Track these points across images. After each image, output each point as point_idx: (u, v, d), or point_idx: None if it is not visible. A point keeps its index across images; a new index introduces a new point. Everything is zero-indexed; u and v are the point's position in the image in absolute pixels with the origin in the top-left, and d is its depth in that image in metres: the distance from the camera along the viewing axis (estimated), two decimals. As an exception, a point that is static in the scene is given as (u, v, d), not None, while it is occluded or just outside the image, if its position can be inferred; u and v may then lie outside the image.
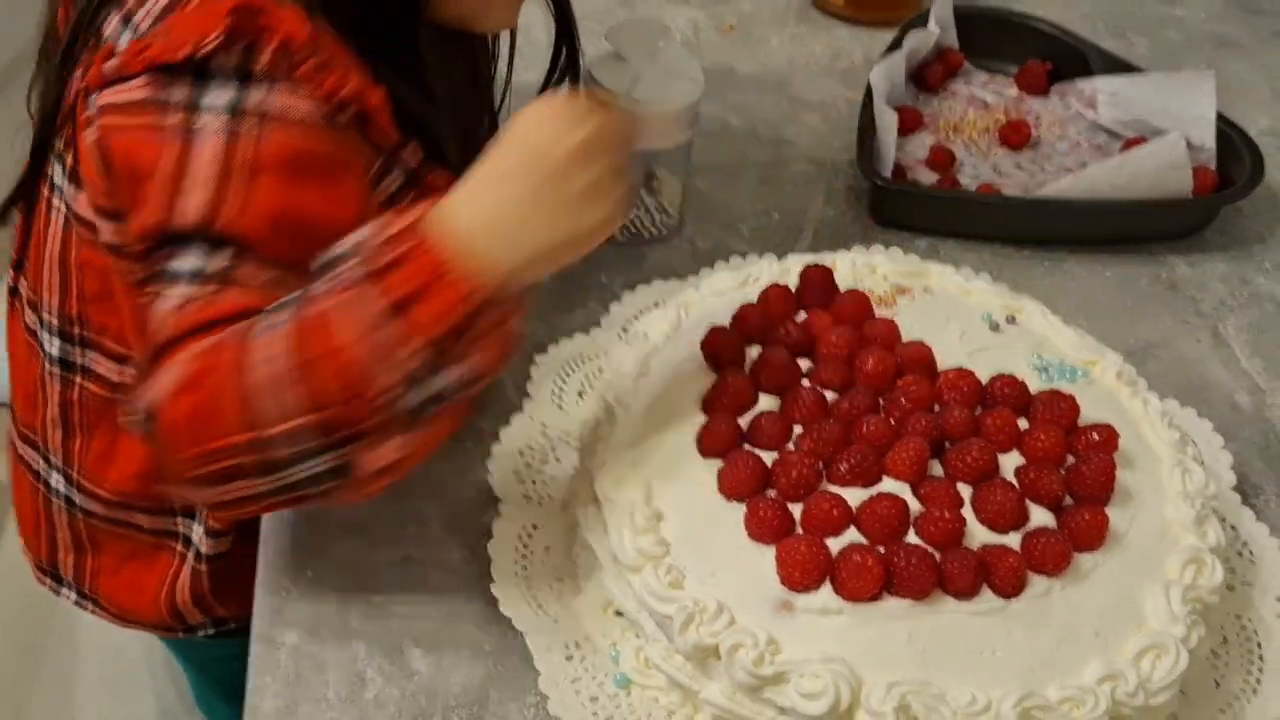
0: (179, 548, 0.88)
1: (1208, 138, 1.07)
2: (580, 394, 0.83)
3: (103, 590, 0.93)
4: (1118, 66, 1.14)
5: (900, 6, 1.24)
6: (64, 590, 0.96)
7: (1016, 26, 1.19)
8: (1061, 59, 1.17)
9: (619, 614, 0.70)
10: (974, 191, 1.04)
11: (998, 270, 0.99)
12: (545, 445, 0.81)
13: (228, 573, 0.86)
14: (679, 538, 0.67)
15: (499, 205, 0.61)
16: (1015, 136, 1.10)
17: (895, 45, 1.13)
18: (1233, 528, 0.78)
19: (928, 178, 1.06)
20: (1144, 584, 0.66)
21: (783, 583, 0.64)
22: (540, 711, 0.69)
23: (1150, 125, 1.09)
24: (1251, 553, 0.78)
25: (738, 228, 1.03)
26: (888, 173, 1.02)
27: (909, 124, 1.11)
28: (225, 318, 0.61)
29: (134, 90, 0.64)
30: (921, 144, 1.10)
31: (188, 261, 0.63)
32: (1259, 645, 0.73)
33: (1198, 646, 0.66)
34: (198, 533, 0.86)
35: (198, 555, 0.87)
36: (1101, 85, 1.13)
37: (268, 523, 0.78)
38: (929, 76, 1.16)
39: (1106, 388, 0.77)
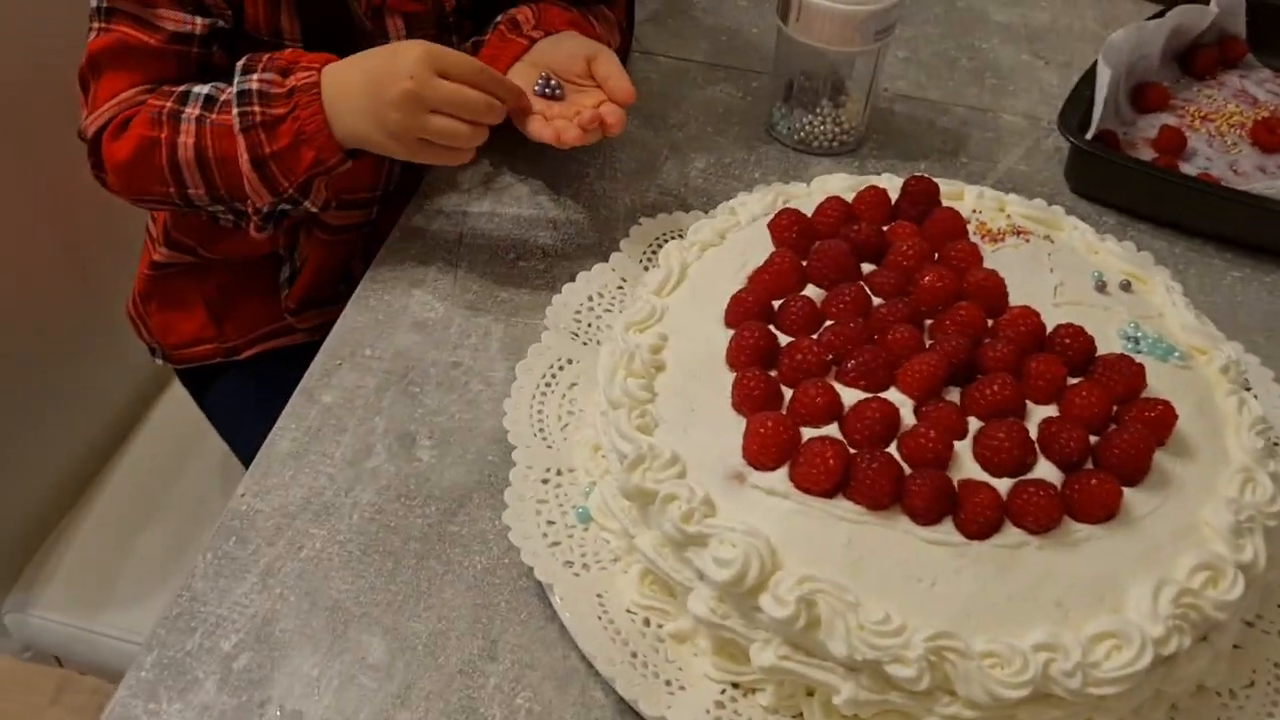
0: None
1: None
2: (668, 259, 0.83)
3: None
4: None
5: (1198, -15, 1.12)
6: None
7: (1321, 25, 1.05)
8: (1365, 69, 1.02)
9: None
10: (1175, 172, 0.93)
11: (1183, 265, 0.89)
12: (614, 295, 0.81)
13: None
14: (669, 390, 0.66)
15: (348, 89, 0.79)
16: (1269, 136, 0.98)
17: (1160, 16, 1.03)
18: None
19: (1147, 157, 0.97)
20: (1136, 574, 0.58)
21: (743, 455, 0.62)
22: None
23: None
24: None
25: (917, 161, 0.98)
26: (1089, 135, 0.93)
27: (1150, 102, 1.01)
28: (117, 45, 0.83)
29: None
30: (1156, 124, 1.00)
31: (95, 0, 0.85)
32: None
33: (1184, 662, 0.58)
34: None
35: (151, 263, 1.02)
36: (1398, 104, 0.98)
37: (351, 304, 0.84)
38: (1199, 61, 1.05)
39: (1203, 378, 0.68)
